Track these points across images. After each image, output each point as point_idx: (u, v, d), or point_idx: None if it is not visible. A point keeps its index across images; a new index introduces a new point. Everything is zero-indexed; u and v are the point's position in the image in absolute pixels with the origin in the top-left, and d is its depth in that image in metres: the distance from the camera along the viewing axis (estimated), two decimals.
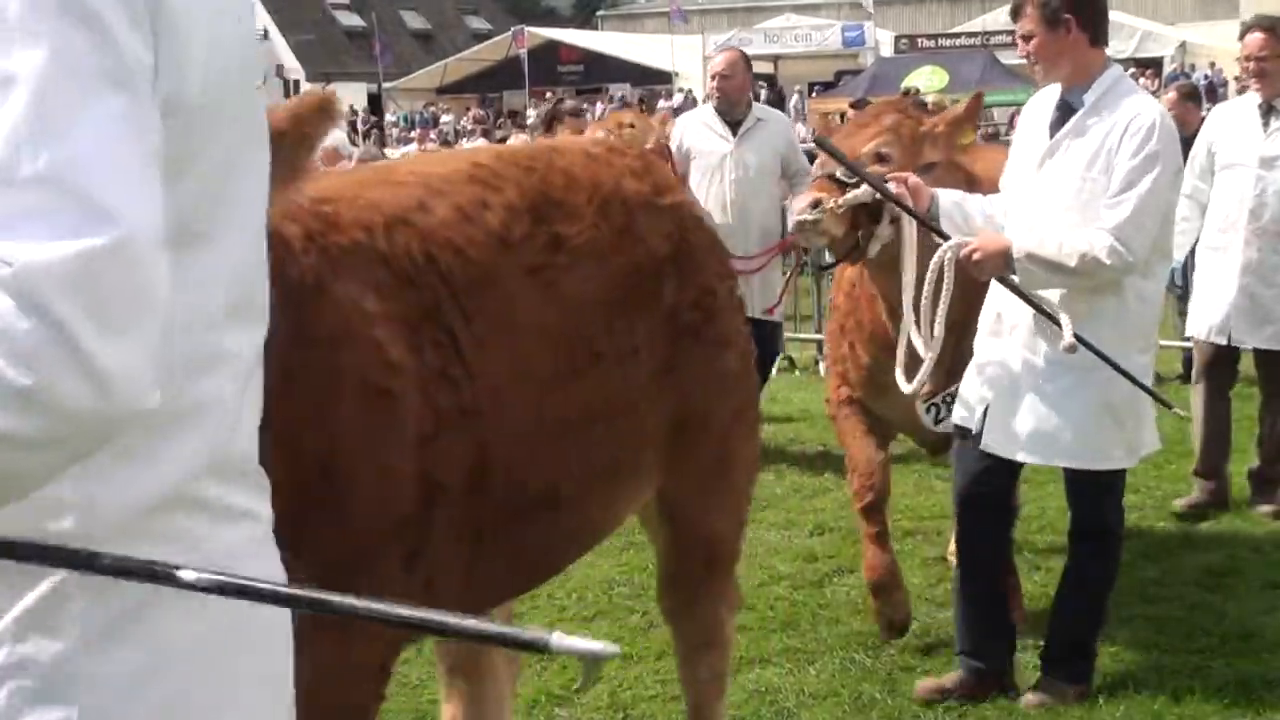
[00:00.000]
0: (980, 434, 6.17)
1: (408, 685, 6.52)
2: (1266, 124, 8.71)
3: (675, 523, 5.04)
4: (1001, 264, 5.82)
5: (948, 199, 6.13)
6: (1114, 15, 36.50)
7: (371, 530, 3.68)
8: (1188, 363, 11.72)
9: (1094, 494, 6.35)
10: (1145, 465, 9.04)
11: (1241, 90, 14.07)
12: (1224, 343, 8.90)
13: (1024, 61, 6.59)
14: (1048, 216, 5.95)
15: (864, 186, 6.23)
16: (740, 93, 10.53)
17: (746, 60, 10.97)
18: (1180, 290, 10.07)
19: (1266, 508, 8.85)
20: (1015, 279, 5.89)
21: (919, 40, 51.09)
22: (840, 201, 6.25)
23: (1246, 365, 9.86)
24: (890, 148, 6.67)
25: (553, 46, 60.32)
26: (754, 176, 10.25)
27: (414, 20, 77.55)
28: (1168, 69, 41.29)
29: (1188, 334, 9.55)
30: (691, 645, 5.28)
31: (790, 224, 6.39)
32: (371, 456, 3.67)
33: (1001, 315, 6.17)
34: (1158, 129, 5.89)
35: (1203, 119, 11.02)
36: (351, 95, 62.72)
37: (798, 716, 6.38)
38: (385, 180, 4.17)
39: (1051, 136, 6.06)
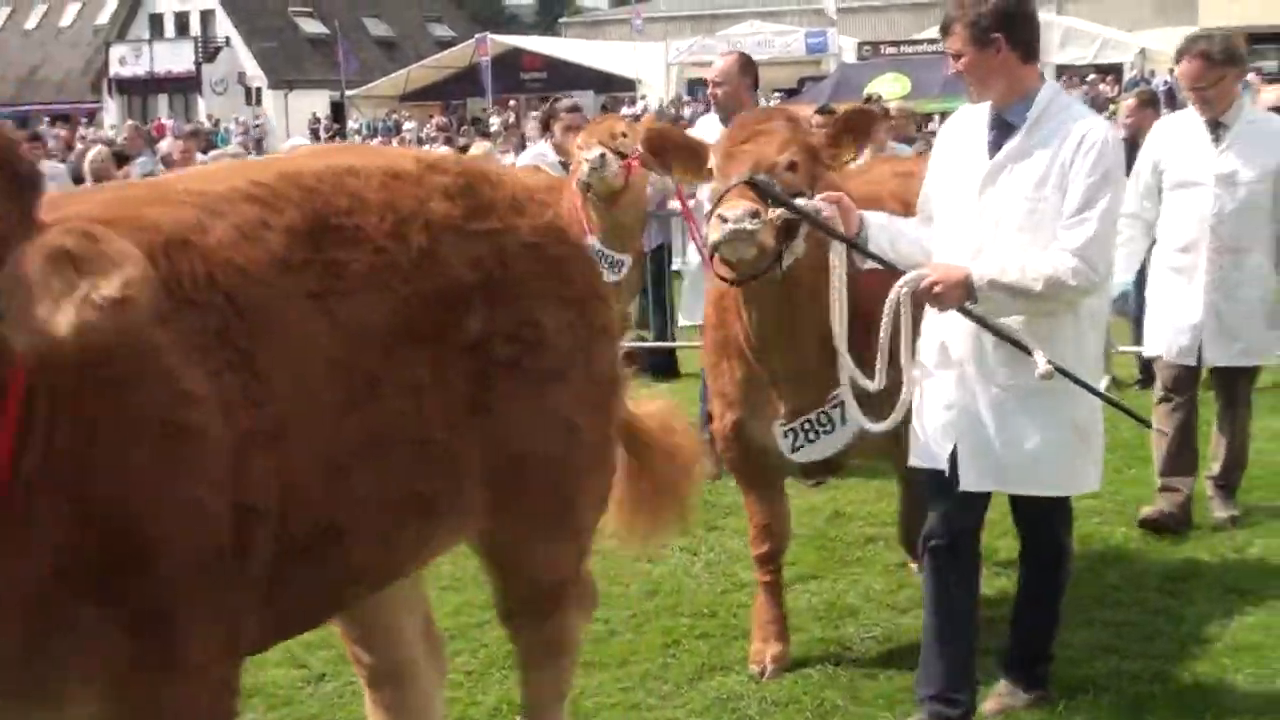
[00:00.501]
0: (953, 474, 5.88)
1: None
2: (1217, 139, 8.50)
3: (503, 566, 4.94)
4: (962, 294, 5.59)
5: (875, 221, 5.92)
6: (1073, 22, 36.99)
7: (187, 571, 3.61)
8: (1144, 367, 11.74)
9: (1051, 515, 6.23)
10: (1105, 470, 9.06)
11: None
12: (1192, 363, 8.68)
13: None
14: (996, 240, 5.73)
15: (798, 202, 5.94)
16: (735, 98, 10.07)
17: (745, 64, 10.46)
18: (1135, 312, 9.84)
19: (1224, 514, 8.79)
20: (975, 309, 5.67)
21: (882, 47, 51.31)
22: (778, 215, 5.93)
23: None
24: (798, 156, 6.24)
25: (516, 54, 60.28)
26: None
27: (377, 28, 77.42)
28: (1127, 75, 41.44)
29: (1148, 354, 9.44)
30: (532, 652, 5.21)
31: (720, 232, 5.79)
32: (178, 495, 3.58)
33: (947, 346, 5.90)
34: (1110, 145, 5.78)
35: None
36: (314, 103, 62.80)
37: None
38: (161, 198, 3.97)
39: (992, 157, 5.80)
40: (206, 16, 74.27)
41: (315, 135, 52.74)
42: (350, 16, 72.48)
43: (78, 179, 20.35)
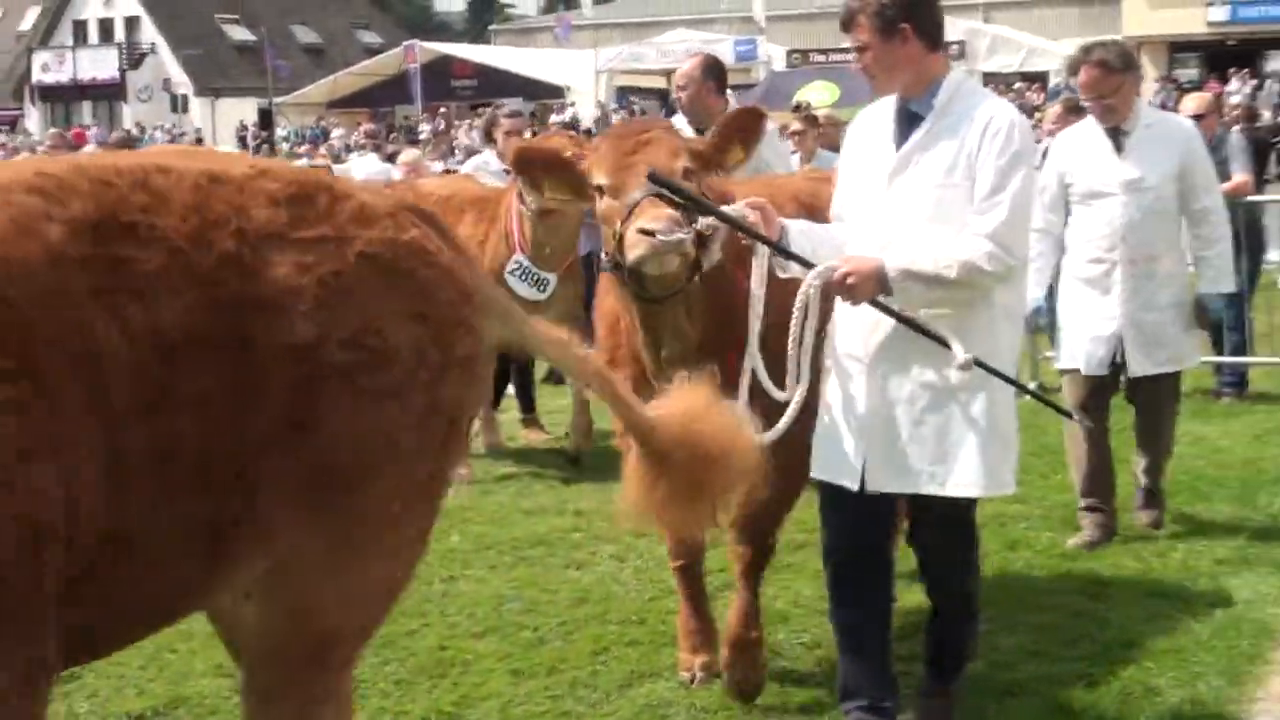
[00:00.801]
0: (861, 482, 5.67)
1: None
2: (1119, 147, 8.44)
3: (278, 600, 4.18)
4: (876, 286, 5.40)
5: (796, 227, 5.67)
6: (1000, 30, 37.42)
7: None
8: None
9: (958, 527, 5.97)
10: (1031, 475, 9.19)
11: None
12: (1105, 374, 8.57)
13: None
14: (906, 232, 5.56)
15: (726, 209, 5.62)
16: (700, 101, 9.66)
17: (709, 67, 9.89)
18: (1048, 324, 9.56)
19: (1147, 516, 8.83)
20: (889, 301, 5.49)
21: (811, 54, 51.33)
22: (708, 224, 5.62)
23: None
24: (690, 163, 5.93)
25: (445, 61, 60.16)
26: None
27: (305, 35, 77.23)
28: (1053, 83, 41.67)
29: (1061, 368, 9.06)
30: None
31: (645, 247, 5.39)
32: None
33: (857, 345, 5.71)
34: (1017, 128, 5.59)
35: None
36: (241, 110, 62.55)
37: None
38: None
39: (899, 149, 5.65)
40: (131, 23, 73.88)
41: (243, 143, 52.60)
42: (278, 23, 72.26)
43: None
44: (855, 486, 5.66)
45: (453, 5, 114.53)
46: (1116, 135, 8.45)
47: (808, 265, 5.55)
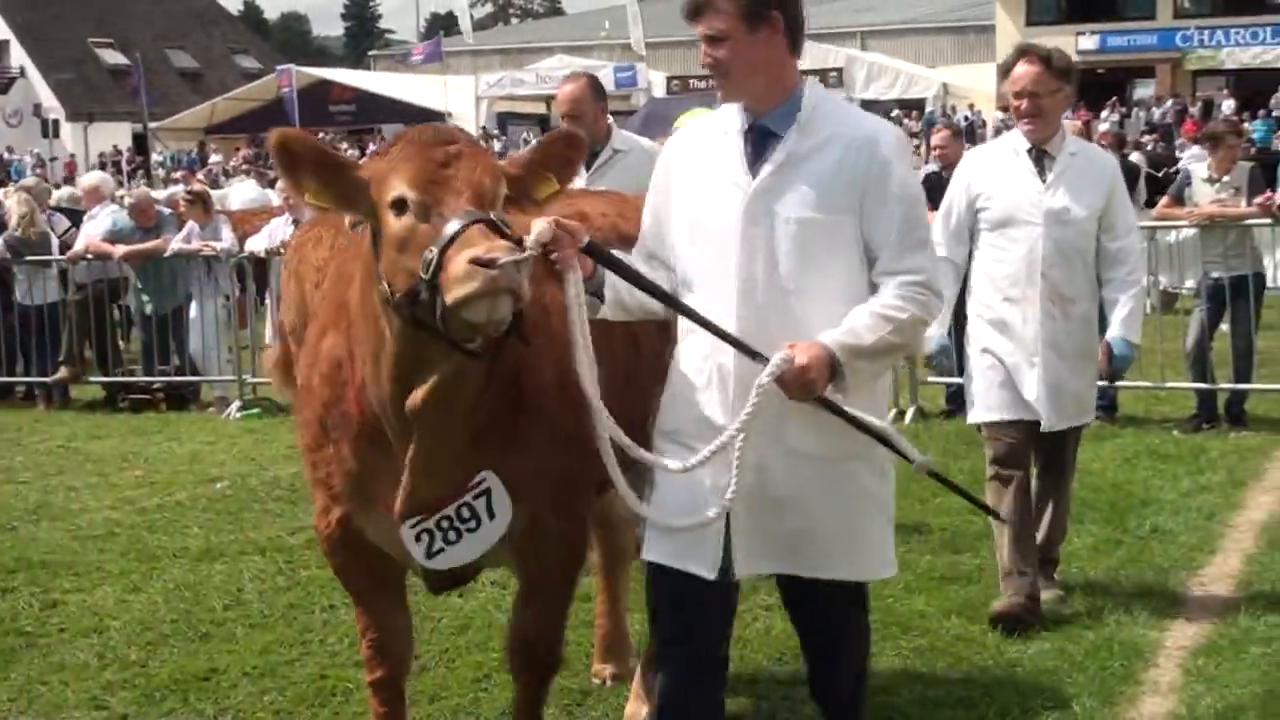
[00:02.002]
0: (725, 565, 4.73)
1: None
2: (1043, 172, 7.55)
3: None
4: (828, 378, 4.47)
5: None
6: (877, 58, 37.70)
7: None
8: (950, 397, 11.73)
9: (848, 623, 5.16)
10: (910, 499, 9.22)
11: (998, 132, 13.13)
12: (1031, 419, 7.57)
13: None
14: (769, 276, 4.61)
15: (539, 223, 4.48)
16: (593, 128, 8.55)
17: (597, 88, 8.98)
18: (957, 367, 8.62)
19: (1049, 594, 7.88)
20: (835, 394, 4.58)
21: (691, 81, 51.48)
22: (532, 241, 4.40)
23: None
24: (506, 188, 4.66)
25: (324, 86, 59.92)
26: None
27: (181, 59, 76.56)
28: (930, 109, 42.06)
29: (976, 421, 7.94)
30: None
31: (480, 281, 4.10)
32: None
33: (695, 407, 4.81)
34: (906, 146, 5.00)
35: None
36: (115, 135, 61.88)
37: None
38: None
39: (754, 173, 4.65)
40: (0, 47, 72.96)
41: (117, 167, 52.07)
42: (153, 48, 71.61)
43: None
44: (713, 575, 4.71)
45: (332, 31, 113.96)
46: (1041, 159, 7.59)
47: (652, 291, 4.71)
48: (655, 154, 8.40)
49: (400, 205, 4.45)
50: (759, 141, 4.72)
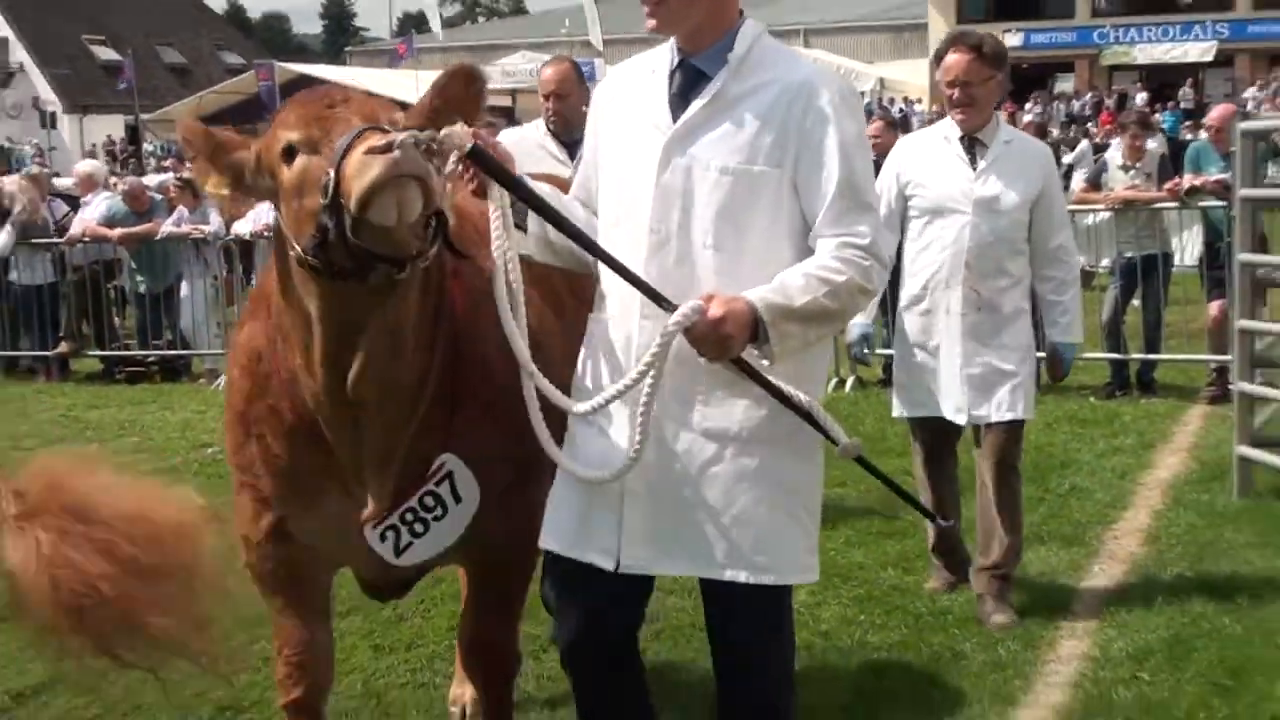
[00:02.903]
0: (616, 558, 4.01)
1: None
2: (974, 160, 6.95)
3: None
4: (748, 335, 3.70)
5: (542, 190, 4.04)
6: (818, 54, 37.44)
7: None
8: (887, 367, 11.61)
9: (768, 630, 4.19)
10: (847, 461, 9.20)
11: (930, 124, 12.85)
12: (955, 417, 7.03)
13: None
14: (688, 229, 3.91)
15: (457, 127, 3.76)
16: (578, 111, 7.42)
17: (578, 70, 8.24)
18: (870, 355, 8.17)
19: (1002, 618, 6.98)
20: (757, 354, 3.82)
21: None
22: (444, 134, 3.69)
23: None
24: (399, 116, 4.00)
25: (304, 80, 59.10)
26: None
27: (170, 55, 76.01)
28: (867, 101, 42.03)
29: (903, 415, 7.41)
30: None
31: (377, 168, 3.44)
32: None
33: (601, 377, 4.10)
34: (853, 102, 4.10)
35: None
36: (109, 126, 61.51)
37: None
38: None
39: (676, 117, 3.95)
40: (0, 44, 72.43)
41: (112, 157, 51.78)
42: (143, 44, 71.09)
43: None
44: (610, 564, 4.00)
45: (311, 29, 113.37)
46: (973, 147, 6.97)
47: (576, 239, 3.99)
48: None
49: (290, 152, 3.87)
50: (687, 82, 3.99)
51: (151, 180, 21.98)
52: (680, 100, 3.99)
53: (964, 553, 7.51)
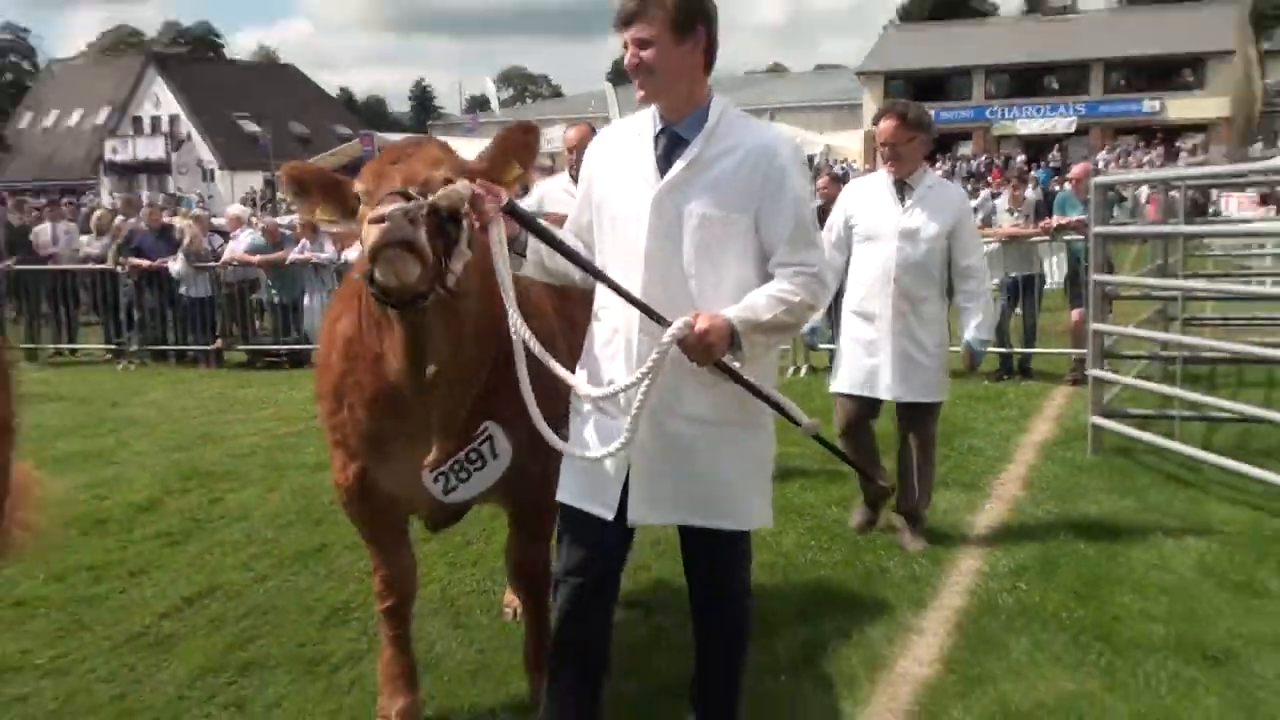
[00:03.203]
0: (622, 511, 3.99)
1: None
2: (902, 198, 6.91)
3: None
4: (726, 345, 3.70)
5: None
6: (782, 127, 36.75)
7: None
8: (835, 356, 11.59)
9: (736, 560, 4.19)
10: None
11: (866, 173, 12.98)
12: (869, 395, 7.01)
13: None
14: (670, 262, 3.86)
15: (458, 184, 3.77)
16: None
17: (594, 131, 7.84)
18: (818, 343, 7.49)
19: (916, 546, 7.01)
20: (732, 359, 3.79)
21: None
22: (437, 196, 3.71)
23: None
24: (453, 174, 3.92)
25: None
26: None
27: (297, 127, 75.90)
28: (818, 162, 41.96)
29: (834, 390, 7.24)
30: None
31: (378, 233, 3.55)
32: None
33: (602, 375, 4.01)
34: (800, 159, 4.00)
35: None
36: (252, 180, 61.62)
37: None
38: None
39: (662, 172, 3.88)
40: (173, 119, 72.59)
41: (254, 203, 51.86)
42: (277, 119, 71.07)
43: (84, 231, 20.04)
44: (610, 516, 3.98)
45: (402, 108, 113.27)
46: (901, 188, 6.94)
47: (564, 252, 3.95)
48: None
49: (359, 199, 3.99)
50: (670, 145, 3.91)
51: (283, 220, 21.92)
52: (665, 160, 3.90)
53: (884, 499, 7.40)
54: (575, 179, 7.41)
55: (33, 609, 6.42)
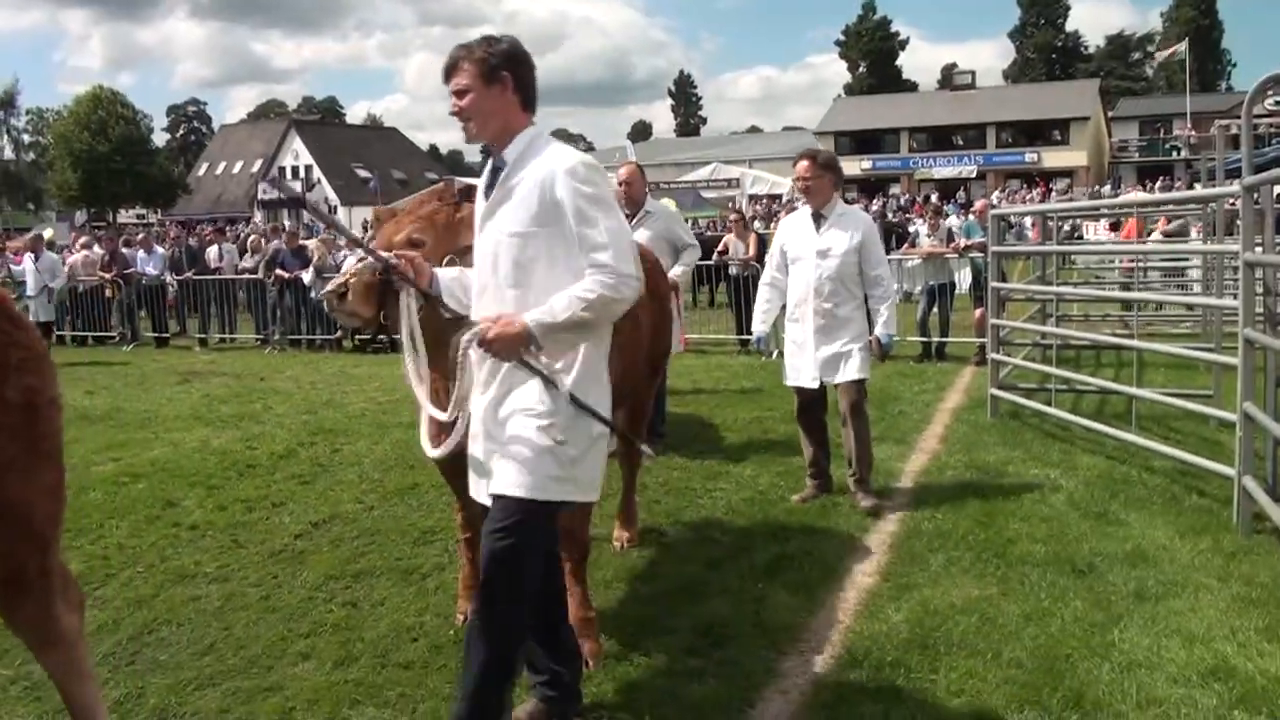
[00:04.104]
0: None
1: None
2: (818, 226, 6.58)
3: None
4: (522, 343, 3.27)
5: (447, 275, 3.63)
6: (758, 173, 36.01)
7: None
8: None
9: (508, 528, 3.33)
10: (784, 401, 9.01)
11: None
12: (811, 386, 6.64)
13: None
14: (495, 278, 3.44)
15: (366, 261, 3.74)
16: (638, 194, 8.13)
17: (641, 171, 8.38)
18: (768, 352, 6.75)
19: (868, 503, 6.49)
20: (534, 355, 3.33)
21: (660, 184, 50.89)
22: (353, 271, 3.80)
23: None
24: (423, 234, 4.15)
25: (471, 188, 59.13)
26: (656, 248, 7.46)
27: (397, 173, 75.67)
28: (786, 199, 41.79)
29: (788, 383, 6.78)
30: (27, 638, 3.25)
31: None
32: None
33: (482, 375, 3.49)
34: (590, 171, 3.39)
35: None
36: (364, 213, 61.65)
37: None
38: None
39: (486, 200, 3.52)
40: (308, 168, 72.81)
41: (363, 229, 51.92)
42: (382, 168, 71.20)
43: (241, 252, 20.07)
44: (484, 498, 3.49)
45: (474, 158, 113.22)
46: (818, 218, 6.60)
47: (450, 310, 3.58)
48: (668, 213, 8.18)
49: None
50: (493, 174, 3.53)
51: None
52: (489, 188, 3.51)
53: (828, 469, 6.83)
54: (622, 207, 7.42)
55: (202, 531, 6.41)
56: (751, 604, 4.90)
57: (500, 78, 3.42)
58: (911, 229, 16.70)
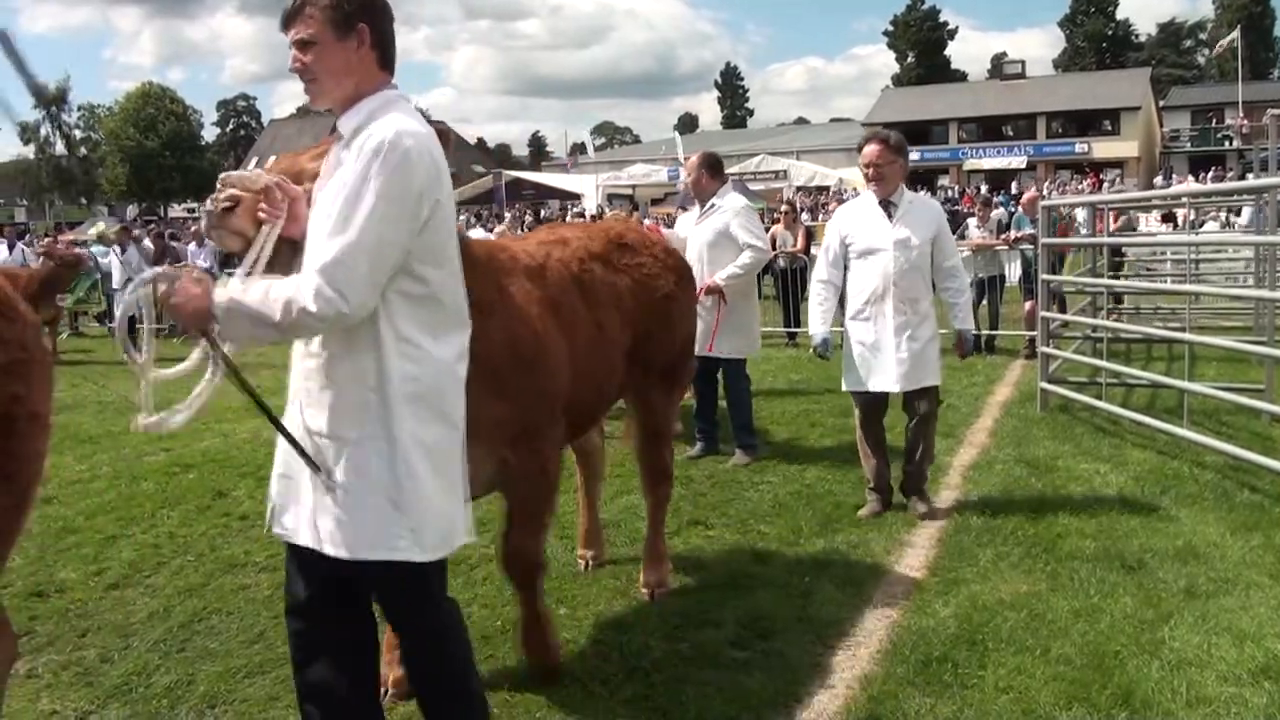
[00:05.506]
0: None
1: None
2: (890, 215, 6.11)
3: None
4: (205, 315, 2.62)
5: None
6: (805, 165, 35.90)
7: None
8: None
9: (404, 596, 2.93)
10: (832, 413, 8.95)
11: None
12: (884, 390, 6.20)
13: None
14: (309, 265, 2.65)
15: (255, 172, 2.93)
16: (699, 186, 7.68)
17: (707, 163, 7.75)
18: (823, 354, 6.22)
19: (923, 508, 6.19)
20: (217, 335, 2.68)
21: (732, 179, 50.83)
22: (245, 182, 2.86)
23: None
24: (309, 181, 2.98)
25: (518, 182, 59.60)
26: (715, 243, 7.50)
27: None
28: (834, 190, 41.40)
29: (848, 389, 6.32)
30: None
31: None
32: None
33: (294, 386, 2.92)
34: (384, 152, 2.60)
35: None
36: None
37: None
38: None
39: (324, 169, 2.84)
40: None
41: None
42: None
43: None
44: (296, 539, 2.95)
45: (522, 153, 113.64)
46: (888, 206, 6.14)
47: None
48: (735, 206, 7.64)
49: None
50: (340, 141, 2.81)
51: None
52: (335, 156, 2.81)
53: (889, 489, 6.36)
54: (694, 199, 7.93)
55: (252, 521, 6.49)
56: (798, 598, 4.88)
57: (355, 29, 2.74)
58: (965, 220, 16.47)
